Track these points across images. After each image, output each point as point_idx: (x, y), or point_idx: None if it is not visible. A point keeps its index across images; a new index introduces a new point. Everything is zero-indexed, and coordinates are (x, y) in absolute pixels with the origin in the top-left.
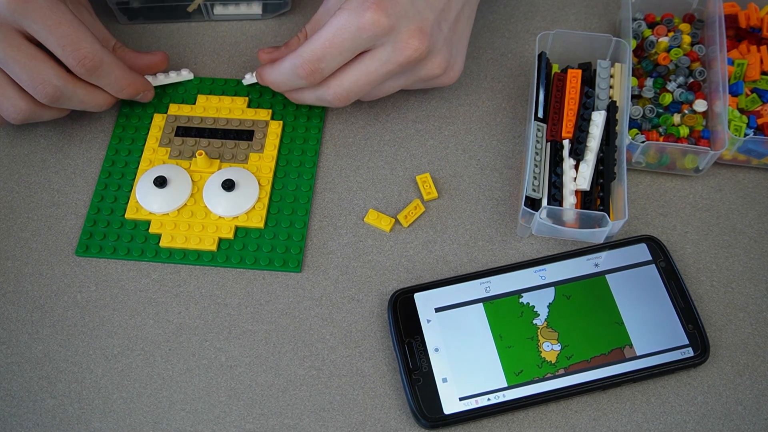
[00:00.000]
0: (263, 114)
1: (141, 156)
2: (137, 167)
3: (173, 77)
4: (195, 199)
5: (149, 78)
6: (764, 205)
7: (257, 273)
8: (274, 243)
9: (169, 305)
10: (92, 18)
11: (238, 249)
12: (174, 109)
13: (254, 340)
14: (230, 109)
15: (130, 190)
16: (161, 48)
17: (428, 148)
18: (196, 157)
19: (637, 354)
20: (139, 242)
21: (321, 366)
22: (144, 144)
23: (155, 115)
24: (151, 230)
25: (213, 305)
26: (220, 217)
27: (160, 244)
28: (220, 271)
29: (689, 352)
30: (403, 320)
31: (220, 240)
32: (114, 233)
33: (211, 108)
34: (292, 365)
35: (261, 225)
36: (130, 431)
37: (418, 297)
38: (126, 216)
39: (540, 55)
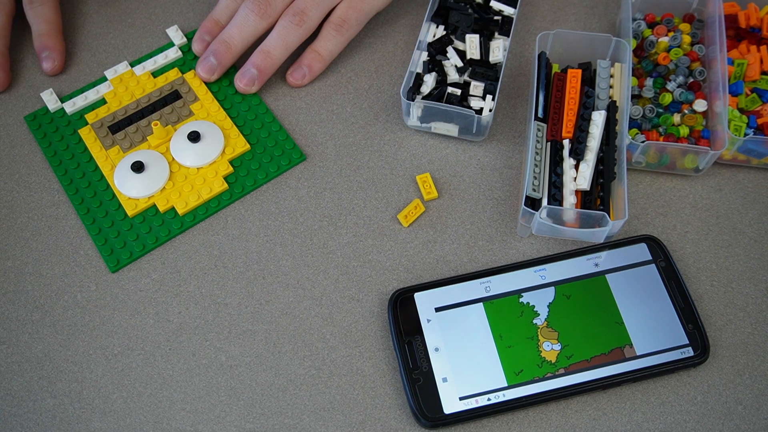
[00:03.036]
0: (172, 75)
1: (96, 167)
2: (101, 178)
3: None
4: (178, 165)
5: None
6: (764, 205)
7: (257, 272)
8: (270, 152)
9: (169, 305)
10: None
11: (244, 175)
12: (92, 116)
13: (254, 340)
14: (142, 88)
15: (112, 198)
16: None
17: (428, 148)
18: (152, 132)
19: (637, 354)
20: (158, 225)
21: (321, 366)
22: (90, 157)
23: (79, 130)
24: (162, 209)
25: (213, 305)
26: (208, 164)
27: (180, 213)
28: (218, 270)
29: (689, 352)
30: (403, 320)
31: (225, 178)
32: (132, 234)
33: (125, 96)
34: (292, 365)
35: (248, 147)
36: (130, 431)
37: (418, 297)
38: (130, 215)
39: (540, 55)
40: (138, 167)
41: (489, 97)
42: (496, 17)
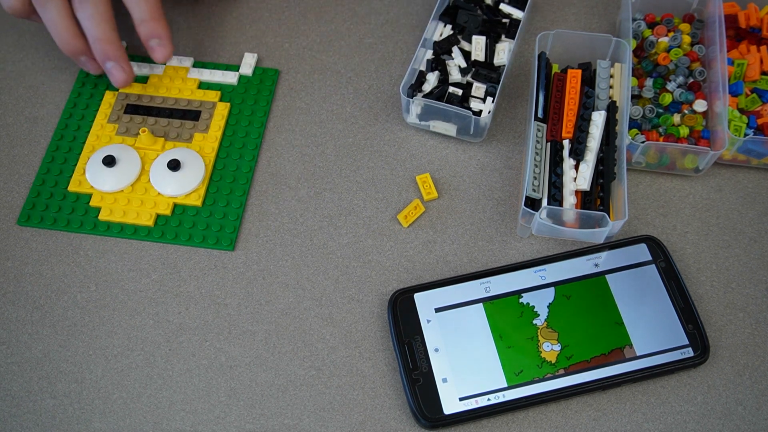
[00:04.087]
0: (212, 95)
1: (89, 131)
2: (85, 141)
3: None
4: (139, 178)
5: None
6: (764, 205)
7: (257, 272)
8: (210, 221)
9: (169, 305)
10: None
11: (174, 225)
12: (125, 88)
13: (254, 340)
14: (180, 89)
15: (76, 164)
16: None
17: (428, 148)
18: (140, 134)
19: (637, 354)
20: (79, 214)
21: (321, 366)
22: (93, 119)
23: (107, 92)
24: (91, 203)
25: (213, 305)
26: (159, 194)
27: (99, 217)
28: (218, 271)
29: (689, 352)
30: (403, 320)
31: (158, 216)
32: (56, 204)
33: (162, 87)
34: (292, 365)
35: (199, 203)
36: (130, 431)
37: (418, 297)
38: (69, 189)
39: (540, 55)
40: (108, 161)
41: (489, 99)
42: (504, 20)
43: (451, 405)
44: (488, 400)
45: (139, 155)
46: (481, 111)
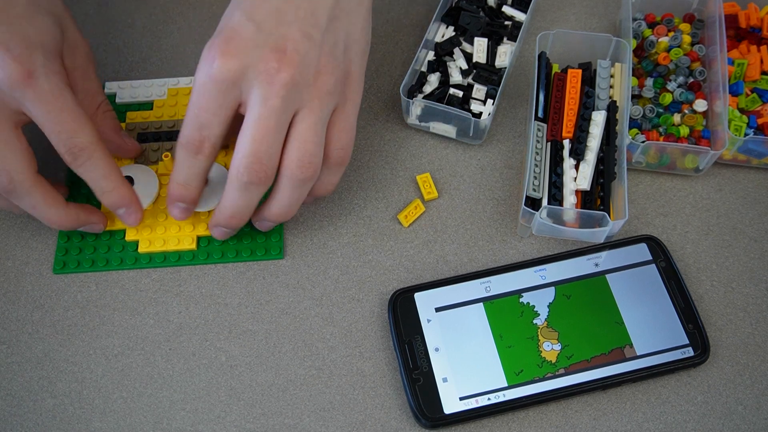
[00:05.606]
0: None
1: None
2: None
3: None
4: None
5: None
6: (764, 205)
7: (257, 272)
8: (253, 233)
9: (169, 305)
10: (91, 77)
11: (218, 244)
12: (131, 116)
13: (254, 340)
14: None
15: (100, 204)
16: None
17: (429, 147)
18: (162, 160)
19: (638, 354)
20: (117, 251)
21: (321, 366)
22: None
23: None
24: (127, 238)
25: (213, 305)
26: (195, 213)
27: (139, 250)
28: (219, 271)
29: (689, 352)
30: (403, 320)
31: (199, 238)
32: (90, 246)
33: (169, 111)
34: (293, 365)
35: None
36: (130, 431)
37: (419, 297)
38: None
39: (540, 55)
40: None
41: (489, 101)
42: (506, 22)
43: (451, 404)
44: (488, 399)
45: (156, 174)
46: (480, 113)
